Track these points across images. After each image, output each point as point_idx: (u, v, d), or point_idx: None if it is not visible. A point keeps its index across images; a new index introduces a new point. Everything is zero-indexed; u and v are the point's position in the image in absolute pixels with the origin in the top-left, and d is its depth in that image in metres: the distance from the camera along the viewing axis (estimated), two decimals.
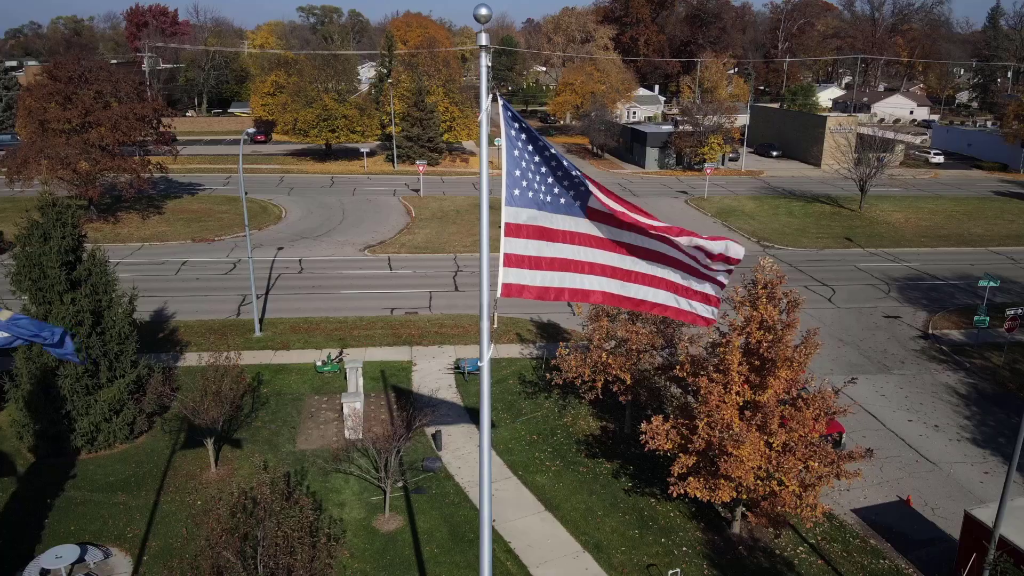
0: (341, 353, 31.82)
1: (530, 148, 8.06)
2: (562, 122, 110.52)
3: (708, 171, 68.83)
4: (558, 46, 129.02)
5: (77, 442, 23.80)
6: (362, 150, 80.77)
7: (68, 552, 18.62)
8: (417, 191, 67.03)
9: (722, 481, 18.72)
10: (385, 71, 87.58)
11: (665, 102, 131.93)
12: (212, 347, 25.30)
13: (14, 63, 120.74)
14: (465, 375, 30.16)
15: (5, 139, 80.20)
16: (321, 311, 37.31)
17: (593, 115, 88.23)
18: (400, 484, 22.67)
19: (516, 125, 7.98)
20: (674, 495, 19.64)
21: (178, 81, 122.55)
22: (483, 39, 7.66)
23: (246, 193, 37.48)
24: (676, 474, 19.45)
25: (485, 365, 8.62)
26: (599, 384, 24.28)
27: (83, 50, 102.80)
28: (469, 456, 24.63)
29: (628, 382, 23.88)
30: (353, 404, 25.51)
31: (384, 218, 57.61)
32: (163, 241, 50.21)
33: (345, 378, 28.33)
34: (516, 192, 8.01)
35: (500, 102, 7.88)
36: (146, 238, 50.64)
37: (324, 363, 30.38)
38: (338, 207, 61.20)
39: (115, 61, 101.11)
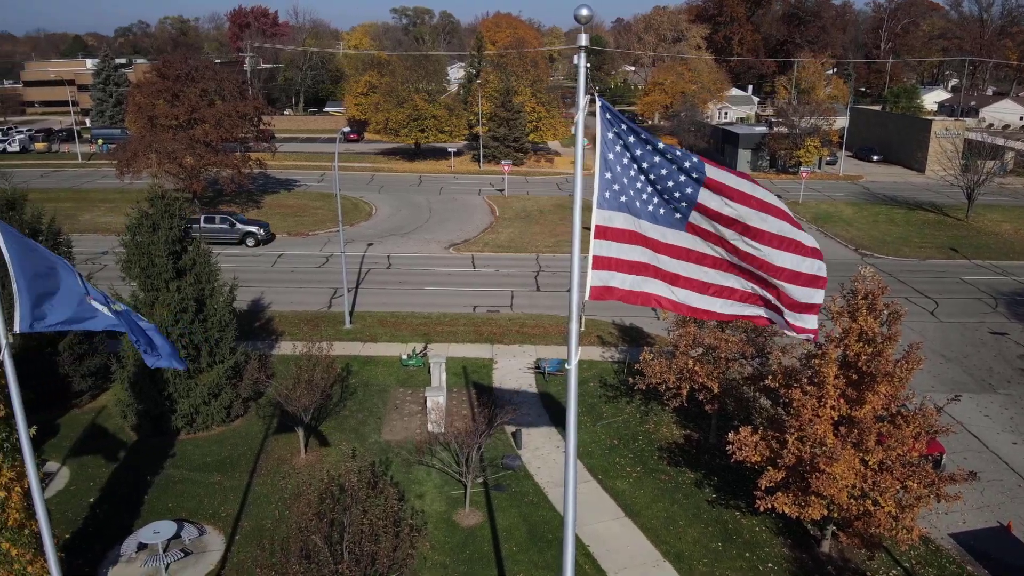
0: (425, 348, 32.33)
1: (627, 152, 7.90)
2: (650, 122, 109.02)
3: (804, 175, 66.60)
4: (648, 45, 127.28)
5: (177, 423, 24.94)
6: (449, 149, 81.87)
7: (165, 528, 19.37)
8: (501, 191, 67.44)
9: (813, 498, 18.02)
10: (474, 71, 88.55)
11: (759, 103, 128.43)
12: (305, 337, 26.06)
13: (124, 61, 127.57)
14: (545, 375, 30.13)
15: (115, 133, 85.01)
16: (407, 306, 38.02)
17: (683, 115, 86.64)
18: (480, 480, 22.84)
19: (615, 127, 7.85)
20: (761, 509, 19.05)
21: (277, 80, 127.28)
22: (583, 40, 7.55)
23: (339, 190, 38.54)
24: (763, 488, 18.83)
25: (573, 368, 8.54)
26: (684, 391, 23.71)
27: (189, 49, 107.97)
28: (548, 456, 24.60)
29: (715, 391, 23.25)
30: (436, 398, 25.87)
31: (469, 217, 58.23)
32: None
33: (429, 372, 28.76)
34: (607, 195, 7.92)
35: (599, 103, 7.76)
36: None
37: (409, 357, 30.94)
38: (425, 205, 62.23)
39: (219, 60, 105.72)
